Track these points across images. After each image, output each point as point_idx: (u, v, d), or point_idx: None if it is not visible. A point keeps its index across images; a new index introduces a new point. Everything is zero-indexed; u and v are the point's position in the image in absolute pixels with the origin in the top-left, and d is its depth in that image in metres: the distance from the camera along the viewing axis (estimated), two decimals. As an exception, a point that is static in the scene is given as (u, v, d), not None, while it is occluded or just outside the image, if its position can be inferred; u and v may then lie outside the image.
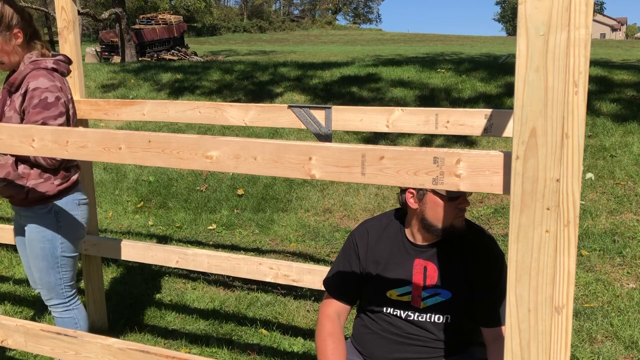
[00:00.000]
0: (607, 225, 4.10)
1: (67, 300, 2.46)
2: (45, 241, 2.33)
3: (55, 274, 2.38)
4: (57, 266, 2.38)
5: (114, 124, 6.56)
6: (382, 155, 1.18)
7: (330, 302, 1.92)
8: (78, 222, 2.40)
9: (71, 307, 2.48)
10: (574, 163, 1.03)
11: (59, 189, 2.32)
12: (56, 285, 2.40)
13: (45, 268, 2.36)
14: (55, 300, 2.44)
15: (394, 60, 10.36)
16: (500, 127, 2.31)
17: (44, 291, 2.42)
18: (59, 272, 2.39)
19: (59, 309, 2.46)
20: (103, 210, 5.21)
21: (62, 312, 2.47)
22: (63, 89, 2.29)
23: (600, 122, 5.55)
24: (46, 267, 2.36)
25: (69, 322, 2.48)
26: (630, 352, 2.81)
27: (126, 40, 19.13)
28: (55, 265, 2.37)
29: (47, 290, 2.41)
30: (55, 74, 2.29)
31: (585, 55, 1.00)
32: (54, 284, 2.40)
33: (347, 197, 4.98)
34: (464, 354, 1.84)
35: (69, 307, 2.48)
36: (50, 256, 2.35)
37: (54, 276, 2.38)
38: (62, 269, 2.39)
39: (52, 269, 2.37)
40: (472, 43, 38.79)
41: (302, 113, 2.49)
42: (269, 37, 52.17)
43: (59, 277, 2.39)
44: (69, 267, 2.42)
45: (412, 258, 1.82)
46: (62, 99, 2.24)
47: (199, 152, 1.36)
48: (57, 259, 2.36)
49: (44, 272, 2.37)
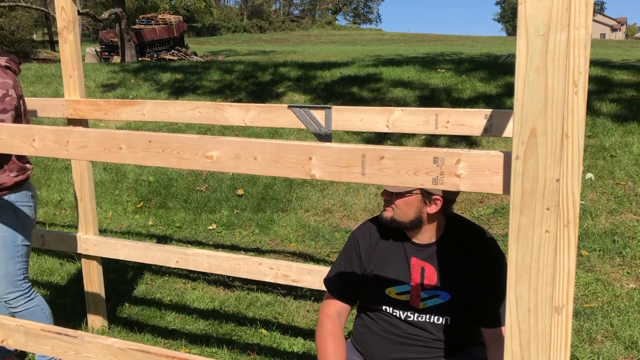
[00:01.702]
0: (607, 225, 4.10)
1: (27, 291, 2.50)
2: (5, 230, 2.40)
3: (15, 263, 2.44)
4: (18, 255, 2.44)
5: (114, 124, 6.56)
6: (382, 155, 1.18)
7: (330, 302, 1.92)
8: (32, 213, 2.50)
9: (32, 297, 2.52)
10: (574, 163, 1.03)
11: (15, 180, 2.40)
12: (16, 276, 2.45)
13: (5, 258, 2.41)
14: (16, 293, 2.47)
15: (394, 60, 10.36)
16: (500, 127, 2.31)
17: (3, 285, 2.45)
18: (19, 261, 2.45)
19: (21, 300, 2.49)
20: (103, 210, 5.21)
21: (25, 303, 2.50)
22: (14, 85, 2.36)
23: (600, 122, 5.56)
24: (6, 257, 2.41)
25: (35, 311, 2.52)
26: (630, 352, 2.81)
27: (126, 40, 19.13)
28: (16, 254, 2.43)
29: (7, 283, 2.44)
30: (8, 71, 2.38)
31: (585, 55, 1.00)
32: (13, 274, 2.44)
33: (347, 197, 4.98)
34: (464, 354, 1.84)
35: (31, 297, 2.51)
36: (11, 245, 2.41)
37: (13, 266, 2.43)
38: (21, 259, 2.46)
39: (12, 258, 2.42)
40: (472, 43, 38.78)
41: (302, 113, 2.49)
42: (269, 37, 52.17)
43: (18, 268, 2.45)
44: (26, 257, 2.49)
45: (409, 256, 1.82)
46: (13, 95, 2.32)
47: (199, 152, 1.36)
48: (17, 248, 2.43)
49: (3, 263, 2.42)
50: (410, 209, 1.75)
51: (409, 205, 1.75)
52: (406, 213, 1.76)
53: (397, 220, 1.78)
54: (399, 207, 1.76)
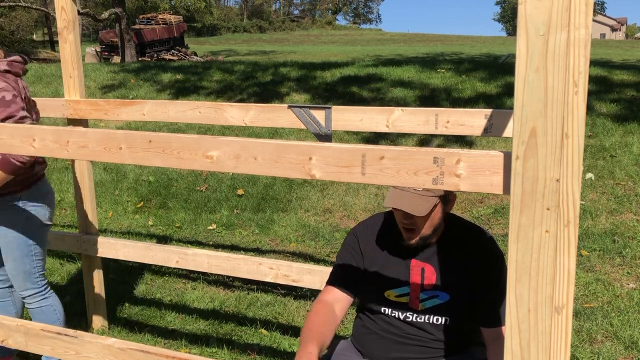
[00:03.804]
0: (607, 225, 4.10)
1: (42, 289, 2.50)
2: (17, 229, 2.39)
3: (30, 261, 2.44)
4: (31, 254, 2.44)
5: (114, 124, 6.56)
6: (382, 155, 1.18)
7: (327, 289, 1.90)
8: (45, 212, 2.48)
9: (47, 296, 2.52)
10: (574, 163, 1.03)
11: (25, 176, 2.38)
12: (31, 274, 2.45)
13: (19, 257, 2.41)
14: (31, 290, 2.47)
15: (394, 60, 10.36)
16: (500, 127, 2.31)
17: (19, 282, 2.45)
18: (34, 259, 2.45)
19: (36, 298, 2.49)
20: (103, 210, 5.21)
21: (39, 301, 2.50)
22: (16, 88, 2.33)
23: (600, 122, 5.55)
24: (20, 255, 2.41)
25: (47, 311, 2.52)
26: (630, 352, 2.81)
27: (126, 40, 19.14)
28: (29, 253, 2.43)
29: (23, 279, 2.45)
30: (8, 75, 2.34)
31: (585, 55, 1.00)
32: (29, 272, 2.44)
33: (347, 197, 4.98)
34: (464, 354, 1.84)
35: (45, 296, 2.52)
36: (24, 244, 2.41)
37: (29, 264, 2.43)
38: (35, 257, 2.46)
39: (26, 256, 2.42)
40: (472, 43, 38.78)
41: (302, 113, 2.49)
42: (269, 37, 52.16)
43: (34, 265, 2.45)
44: (41, 256, 2.49)
45: (409, 258, 1.82)
46: (18, 96, 2.30)
47: (199, 152, 1.36)
48: (30, 247, 2.43)
49: (18, 261, 2.42)
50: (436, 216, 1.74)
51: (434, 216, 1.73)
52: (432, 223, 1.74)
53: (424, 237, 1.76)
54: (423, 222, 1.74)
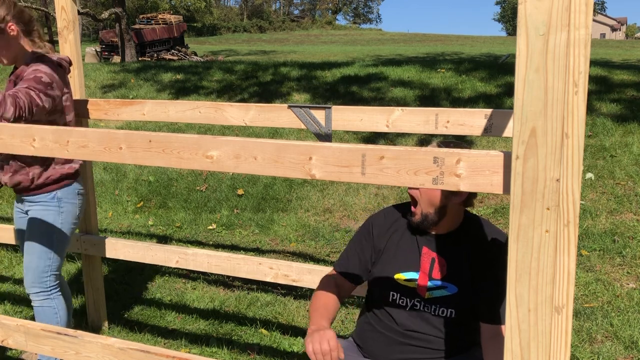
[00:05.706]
0: (607, 225, 4.10)
1: (49, 289, 2.49)
2: (45, 225, 2.40)
3: (45, 259, 2.44)
4: (50, 253, 2.44)
5: (114, 124, 6.56)
6: (382, 155, 1.18)
7: (332, 273, 1.98)
8: (76, 211, 2.51)
9: (52, 297, 2.52)
10: (574, 163, 1.03)
11: (61, 172, 2.41)
12: (43, 272, 2.45)
13: (38, 252, 2.42)
14: (37, 288, 2.47)
15: (394, 60, 10.36)
16: (500, 127, 2.31)
17: (28, 277, 2.45)
18: (50, 257, 2.45)
19: (40, 297, 2.49)
20: (103, 210, 5.21)
21: (42, 300, 2.50)
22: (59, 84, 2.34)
23: (600, 122, 5.55)
24: (39, 250, 2.41)
25: (48, 311, 2.51)
26: (630, 352, 2.81)
27: (126, 40, 19.13)
28: (49, 251, 2.43)
29: (32, 275, 2.45)
30: (59, 69, 2.38)
31: (585, 55, 1.00)
32: (41, 270, 2.44)
33: (347, 197, 4.98)
34: (465, 355, 1.84)
35: (50, 296, 2.51)
36: (47, 240, 2.42)
37: (43, 262, 2.43)
38: (54, 256, 2.46)
39: (44, 253, 2.42)
40: (472, 43, 38.77)
41: (302, 113, 2.49)
42: (269, 37, 52.16)
43: (47, 264, 2.45)
44: (59, 255, 2.49)
45: (420, 245, 1.84)
46: (55, 88, 2.31)
47: (199, 152, 1.36)
48: (52, 243, 2.43)
49: (35, 256, 2.42)
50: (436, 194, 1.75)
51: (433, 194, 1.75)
52: (432, 200, 1.76)
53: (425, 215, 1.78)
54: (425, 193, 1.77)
